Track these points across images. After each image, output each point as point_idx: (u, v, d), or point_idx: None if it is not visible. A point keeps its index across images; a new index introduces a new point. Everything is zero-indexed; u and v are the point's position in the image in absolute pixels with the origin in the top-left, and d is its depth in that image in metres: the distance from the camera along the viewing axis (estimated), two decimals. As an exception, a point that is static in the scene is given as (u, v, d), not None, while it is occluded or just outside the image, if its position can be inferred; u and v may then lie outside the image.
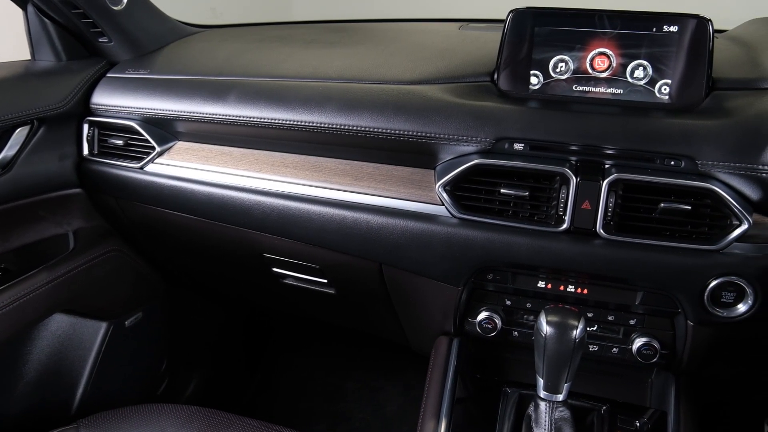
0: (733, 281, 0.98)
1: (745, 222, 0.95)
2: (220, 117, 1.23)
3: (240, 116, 1.21)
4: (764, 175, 0.94)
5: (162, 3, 1.54)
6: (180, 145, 1.35)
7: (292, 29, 1.62)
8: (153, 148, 1.34)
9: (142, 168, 1.36)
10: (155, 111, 1.32)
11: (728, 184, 0.96)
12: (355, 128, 1.11)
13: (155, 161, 1.35)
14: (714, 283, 0.98)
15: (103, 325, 1.55)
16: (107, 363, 1.57)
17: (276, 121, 1.18)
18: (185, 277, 1.78)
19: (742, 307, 0.99)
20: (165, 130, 1.36)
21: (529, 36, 1.07)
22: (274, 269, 1.40)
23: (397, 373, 2.07)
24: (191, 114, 1.27)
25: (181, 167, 1.33)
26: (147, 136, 1.34)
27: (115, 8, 1.38)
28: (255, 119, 1.20)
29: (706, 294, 1.00)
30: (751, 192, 0.96)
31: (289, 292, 1.50)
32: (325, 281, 1.35)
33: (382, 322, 1.44)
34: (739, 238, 0.96)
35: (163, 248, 1.61)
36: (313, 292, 1.42)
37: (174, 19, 1.61)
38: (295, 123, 1.16)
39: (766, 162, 0.94)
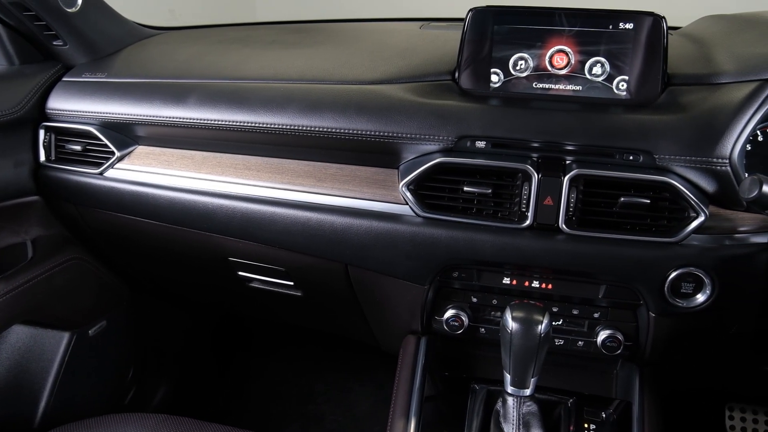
0: (691, 272, 1.00)
1: (702, 214, 0.97)
2: (181, 120, 1.21)
3: (201, 119, 1.20)
4: (718, 167, 0.97)
5: (118, 5, 1.51)
6: (140, 149, 1.33)
7: (253, 30, 1.61)
8: (112, 153, 1.32)
9: (101, 174, 1.33)
10: (114, 115, 1.29)
11: (685, 178, 0.98)
12: (317, 129, 1.11)
13: (115, 166, 1.32)
14: (674, 274, 1.00)
15: (66, 335, 1.52)
16: (71, 374, 1.54)
17: (237, 124, 1.17)
18: (149, 283, 1.75)
19: (700, 297, 1.02)
20: (124, 134, 1.33)
21: (489, 34, 1.08)
22: (240, 273, 1.39)
23: (368, 373, 2.07)
24: (151, 118, 1.25)
25: (142, 172, 1.30)
26: (106, 141, 1.31)
27: (69, 10, 1.35)
28: (216, 122, 1.18)
29: (666, 285, 1.02)
30: (707, 184, 0.99)
31: (255, 295, 1.49)
32: (292, 284, 1.34)
33: (350, 322, 1.44)
34: (696, 230, 0.98)
35: (125, 255, 1.58)
36: (280, 295, 1.41)
37: (131, 21, 1.59)
38: (256, 125, 1.15)
39: (720, 155, 0.96)
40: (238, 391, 2.12)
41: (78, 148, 1.35)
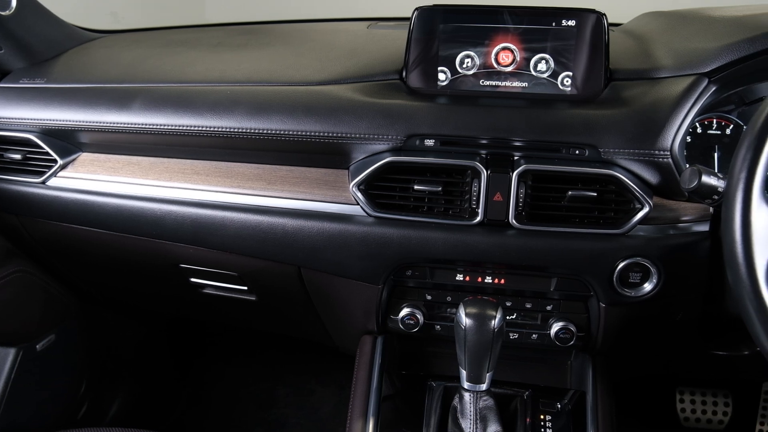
0: (638, 262, 1.02)
1: (647, 205, 0.99)
2: (125, 126, 1.18)
3: (146, 124, 1.17)
4: (660, 159, 0.99)
5: (56, 7, 1.46)
6: (84, 156, 1.29)
7: (199, 32, 1.58)
8: (55, 161, 1.28)
9: (44, 183, 1.29)
10: (55, 122, 1.25)
11: (629, 170, 1.01)
12: (265, 131, 1.09)
13: (58, 175, 1.28)
14: (621, 264, 1.03)
15: (12, 351, 1.46)
16: (19, 390, 1.48)
17: (184, 128, 1.14)
18: (99, 293, 1.70)
19: (647, 286, 1.04)
20: (67, 141, 1.29)
21: (436, 33, 1.08)
22: (192, 279, 1.36)
23: (329, 374, 2.06)
24: (94, 124, 1.21)
25: (87, 180, 1.27)
26: (47, 149, 1.27)
27: (3, 13, 1.30)
28: (162, 127, 1.16)
29: (615, 276, 1.04)
30: (650, 176, 1.01)
31: (209, 301, 1.47)
32: (245, 288, 1.33)
33: (307, 325, 1.43)
34: (641, 221, 1.01)
35: (73, 265, 1.54)
36: (235, 300, 1.39)
37: (71, 24, 1.54)
38: (203, 129, 1.13)
39: (662, 147, 0.99)
40: (197, 399, 2.08)
41: (18, 156, 1.30)
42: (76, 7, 1.66)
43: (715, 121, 1.14)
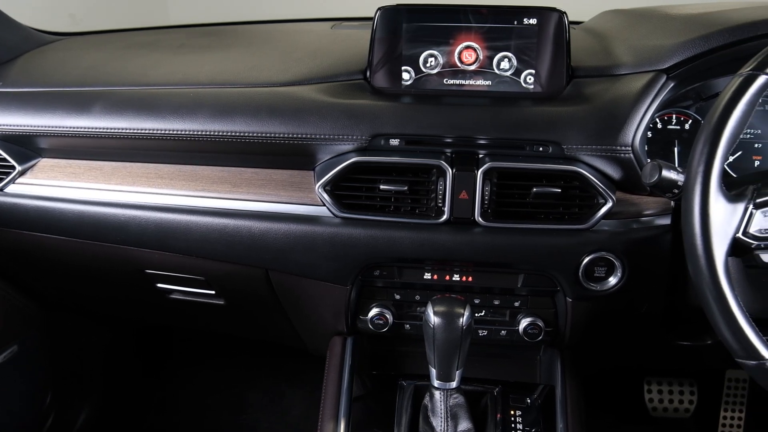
0: (603, 256, 1.04)
1: (610, 200, 1.01)
2: (86, 130, 1.16)
3: (107, 128, 1.15)
4: (622, 155, 1.01)
5: (11, 9, 1.43)
6: (44, 162, 1.26)
7: (161, 34, 1.56)
8: (13, 167, 1.24)
9: (1, 190, 1.25)
10: (12, 127, 1.22)
11: (592, 166, 1.02)
12: (229, 134, 1.08)
13: (16, 181, 1.25)
14: (587, 259, 1.04)
15: (-28, 365, 1.43)
16: (-21, 405, 1.45)
17: (146, 131, 1.12)
18: (63, 301, 1.66)
19: (612, 280, 1.06)
20: (25, 147, 1.26)
21: (399, 32, 1.08)
22: (159, 285, 1.34)
23: (299, 376, 2.05)
24: (53, 128, 1.19)
25: (47, 186, 1.23)
26: (5, 155, 1.24)
27: (-45, 17, 1.27)
28: (124, 130, 1.14)
29: (580, 270, 1.05)
30: (613, 171, 1.03)
31: (177, 307, 1.45)
32: (213, 292, 1.31)
33: (276, 327, 1.42)
34: (605, 216, 1.03)
35: (35, 274, 1.50)
36: (203, 305, 1.38)
37: (28, 26, 1.50)
38: (166, 132, 1.11)
39: (623, 143, 1.01)
40: (166, 406, 2.05)
41: (-26, 163, 1.27)
42: (32, 9, 1.62)
43: (674, 116, 1.17)
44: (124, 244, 1.21)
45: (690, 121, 1.17)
